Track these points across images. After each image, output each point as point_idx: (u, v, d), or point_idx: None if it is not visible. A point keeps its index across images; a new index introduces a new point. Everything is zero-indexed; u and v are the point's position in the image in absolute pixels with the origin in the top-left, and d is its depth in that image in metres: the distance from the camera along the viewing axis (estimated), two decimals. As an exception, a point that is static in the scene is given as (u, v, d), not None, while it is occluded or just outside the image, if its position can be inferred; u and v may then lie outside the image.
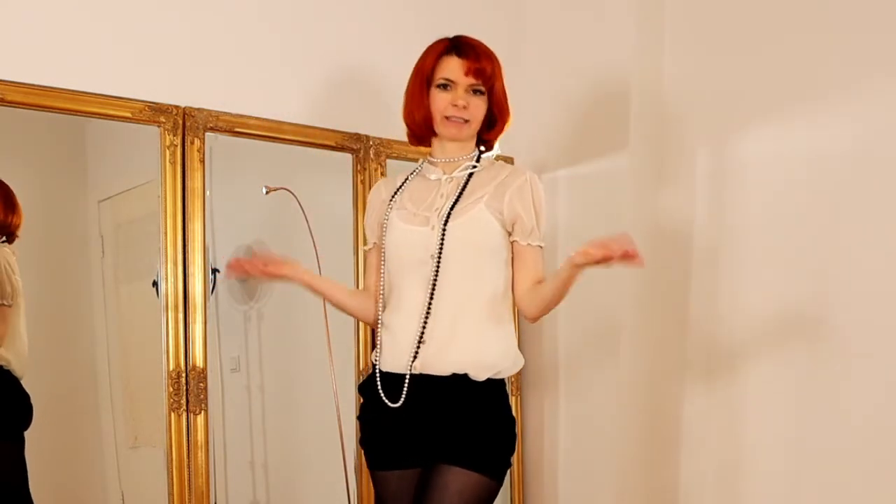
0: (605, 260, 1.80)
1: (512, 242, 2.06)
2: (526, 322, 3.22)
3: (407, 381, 2.00)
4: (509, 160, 3.22)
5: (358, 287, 2.78)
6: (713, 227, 2.91)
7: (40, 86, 2.34)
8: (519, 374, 3.28)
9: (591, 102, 3.14)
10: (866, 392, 2.55)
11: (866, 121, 2.57)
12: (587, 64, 3.15)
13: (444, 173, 2.11)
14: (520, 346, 3.27)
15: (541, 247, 2.07)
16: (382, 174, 2.92)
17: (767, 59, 2.78)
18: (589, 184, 3.17)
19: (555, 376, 3.24)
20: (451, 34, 2.14)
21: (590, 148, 3.16)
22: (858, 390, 2.57)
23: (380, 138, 2.92)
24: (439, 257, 2.01)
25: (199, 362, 2.54)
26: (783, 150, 2.74)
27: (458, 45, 2.08)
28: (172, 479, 2.50)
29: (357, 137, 2.91)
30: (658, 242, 3.01)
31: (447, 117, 2.06)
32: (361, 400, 2.15)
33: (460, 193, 2.06)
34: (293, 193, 2.79)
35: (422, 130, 2.13)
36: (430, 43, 2.13)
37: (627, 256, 1.78)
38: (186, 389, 2.52)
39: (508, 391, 2.12)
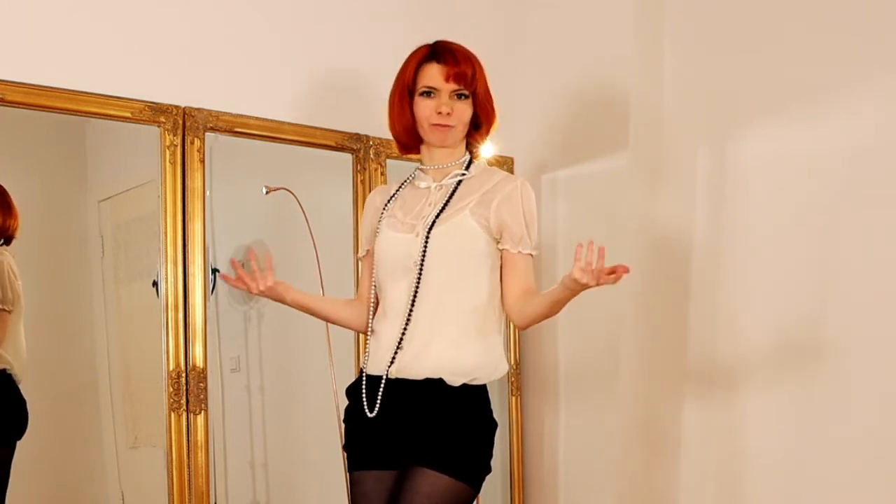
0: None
1: (501, 250, 2.04)
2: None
3: (383, 385, 2.01)
4: (509, 160, 3.22)
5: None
6: (713, 227, 2.91)
7: (40, 86, 2.34)
8: (519, 377, 3.28)
9: (590, 102, 3.14)
10: (866, 400, 2.55)
11: (866, 121, 2.57)
12: (587, 64, 3.15)
13: (434, 181, 2.10)
14: (520, 351, 3.29)
15: (531, 255, 2.05)
16: (382, 174, 2.92)
17: (767, 59, 2.78)
18: (589, 184, 3.17)
19: (555, 380, 3.24)
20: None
21: (590, 148, 3.15)
22: (858, 399, 2.56)
23: (380, 138, 2.91)
24: (421, 264, 2.00)
25: (199, 362, 2.54)
26: (783, 150, 2.75)
27: (438, 51, 2.06)
28: (172, 479, 2.50)
29: (357, 137, 2.91)
30: (658, 242, 3.01)
31: (433, 125, 2.04)
32: (347, 403, 2.14)
33: (447, 201, 2.05)
34: (293, 193, 2.79)
35: (405, 139, 2.12)
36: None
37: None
38: (186, 389, 2.52)
39: (498, 394, 2.10)
